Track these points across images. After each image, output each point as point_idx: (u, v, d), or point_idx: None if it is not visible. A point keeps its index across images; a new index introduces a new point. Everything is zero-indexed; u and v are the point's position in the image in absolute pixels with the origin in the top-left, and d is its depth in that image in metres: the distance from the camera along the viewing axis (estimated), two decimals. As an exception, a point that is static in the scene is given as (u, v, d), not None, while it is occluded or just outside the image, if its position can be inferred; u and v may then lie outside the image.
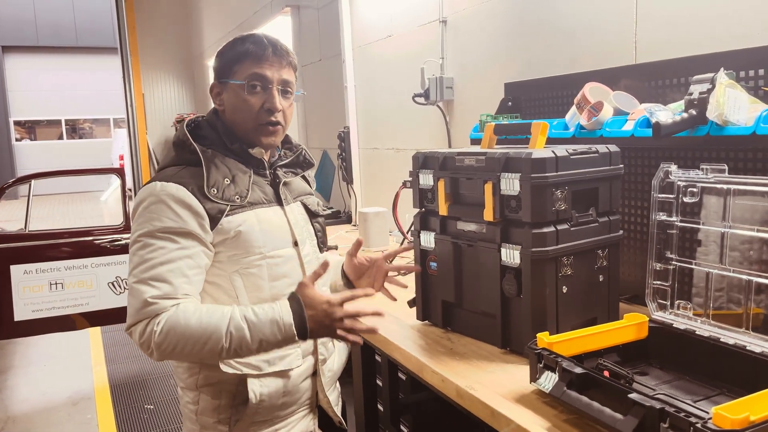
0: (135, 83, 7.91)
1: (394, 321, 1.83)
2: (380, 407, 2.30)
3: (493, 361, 1.49)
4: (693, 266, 1.39)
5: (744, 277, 1.27)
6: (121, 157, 18.14)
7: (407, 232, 2.31)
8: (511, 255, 1.47)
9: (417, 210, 1.78)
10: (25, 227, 4.21)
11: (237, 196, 1.37)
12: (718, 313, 1.35)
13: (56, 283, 4.17)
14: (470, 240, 1.59)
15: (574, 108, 1.90)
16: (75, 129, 20.35)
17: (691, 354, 1.33)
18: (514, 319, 1.50)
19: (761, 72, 1.50)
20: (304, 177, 1.61)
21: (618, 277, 1.60)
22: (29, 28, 18.53)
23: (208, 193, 1.33)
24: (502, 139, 1.81)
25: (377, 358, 2.34)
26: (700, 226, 1.35)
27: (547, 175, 1.41)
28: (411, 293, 1.84)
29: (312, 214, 1.56)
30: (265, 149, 1.45)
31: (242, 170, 1.42)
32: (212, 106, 1.50)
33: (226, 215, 1.35)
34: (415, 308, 1.82)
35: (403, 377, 2.62)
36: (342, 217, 3.90)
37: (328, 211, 1.65)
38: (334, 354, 1.59)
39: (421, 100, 2.86)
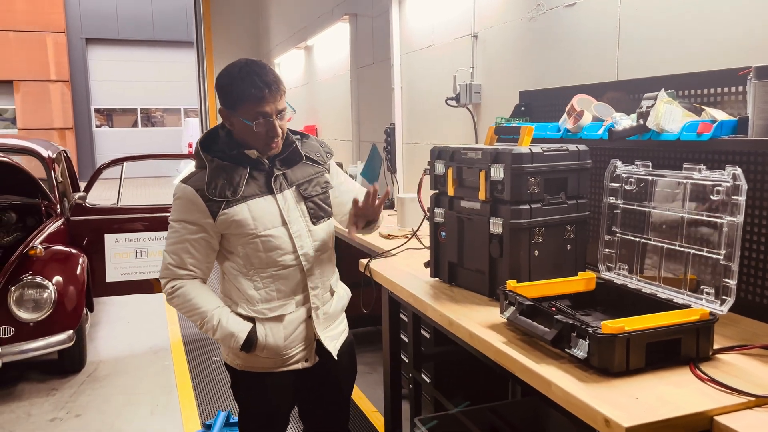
0: (208, 76, 8.67)
1: (413, 278, 2.34)
2: (404, 358, 2.80)
3: (481, 305, 1.98)
4: (630, 238, 1.84)
5: (658, 244, 1.72)
6: (190, 145, 19.22)
7: (427, 210, 2.80)
8: (496, 226, 1.96)
9: (432, 192, 2.29)
10: (117, 202, 4.92)
11: (231, 193, 1.89)
12: (645, 276, 1.80)
13: (141, 251, 4.85)
14: (469, 214, 2.08)
15: (565, 114, 2.35)
16: (148, 117, 21.64)
17: (623, 300, 1.78)
18: (498, 274, 1.99)
19: (698, 91, 1.93)
20: (313, 160, 2.04)
21: (585, 248, 2.06)
22: (111, 21, 19.89)
23: (208, 193, 1.88)
24: (501, 138, 2.29)
25: (403, 316, 2.85)
26: (635, 207, 1.81)
27: (523, 166, 1.89)
28: (427, 257, 2.35)
29: (304, 198, 2.01)
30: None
31: (238, 171, 1.90)
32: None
33: (224, 208, 1.89)
34: (428, 268, 2.33)
35: (427, 335, 3.13)
36: (386, 203, 4.42)
37: (327, 189, 2.11)
38: (331, 301, 2.10)
39: (453, 102, 3.34)
